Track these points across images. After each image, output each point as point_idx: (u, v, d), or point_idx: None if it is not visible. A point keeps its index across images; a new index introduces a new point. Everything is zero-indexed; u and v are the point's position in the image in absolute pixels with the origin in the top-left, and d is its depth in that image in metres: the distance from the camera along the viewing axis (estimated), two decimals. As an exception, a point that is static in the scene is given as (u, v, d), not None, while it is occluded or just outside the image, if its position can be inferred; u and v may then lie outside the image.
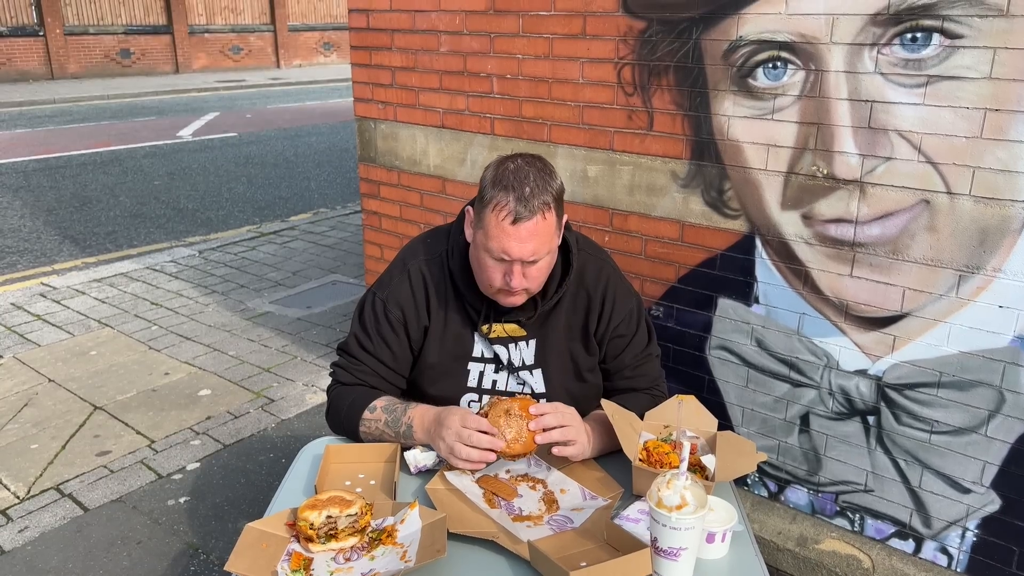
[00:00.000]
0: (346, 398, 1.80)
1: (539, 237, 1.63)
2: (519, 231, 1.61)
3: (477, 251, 1.70)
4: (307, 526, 1.41)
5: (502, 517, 1.51)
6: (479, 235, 1.67)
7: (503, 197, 1.61)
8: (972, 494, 2.31)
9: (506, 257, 1.63)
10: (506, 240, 1.61)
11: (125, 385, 3.94)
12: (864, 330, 2.39)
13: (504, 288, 1.68)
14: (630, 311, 1.86)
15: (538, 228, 1.62)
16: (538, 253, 1.65)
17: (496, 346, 1.81)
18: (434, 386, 1.85)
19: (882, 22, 2.13)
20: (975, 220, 2.12)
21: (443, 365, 1.83)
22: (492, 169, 1.68)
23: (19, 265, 5.98)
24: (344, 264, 5.87)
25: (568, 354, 1.84)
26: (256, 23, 21.94)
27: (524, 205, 1.60)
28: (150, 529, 2.87)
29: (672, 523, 1.28)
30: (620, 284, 1.87)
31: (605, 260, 1.89)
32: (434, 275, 1.82)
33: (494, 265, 1.66)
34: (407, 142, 3.48)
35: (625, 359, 1.87)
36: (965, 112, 2.07)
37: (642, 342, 1.89)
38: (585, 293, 1.83)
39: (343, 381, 1.84)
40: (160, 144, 10.94)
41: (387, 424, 1.73)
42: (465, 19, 3.08)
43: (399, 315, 1.81)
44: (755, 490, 2.79)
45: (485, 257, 1.67)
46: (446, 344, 1.82)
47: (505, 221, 1.61)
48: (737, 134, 2.48)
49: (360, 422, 1.75)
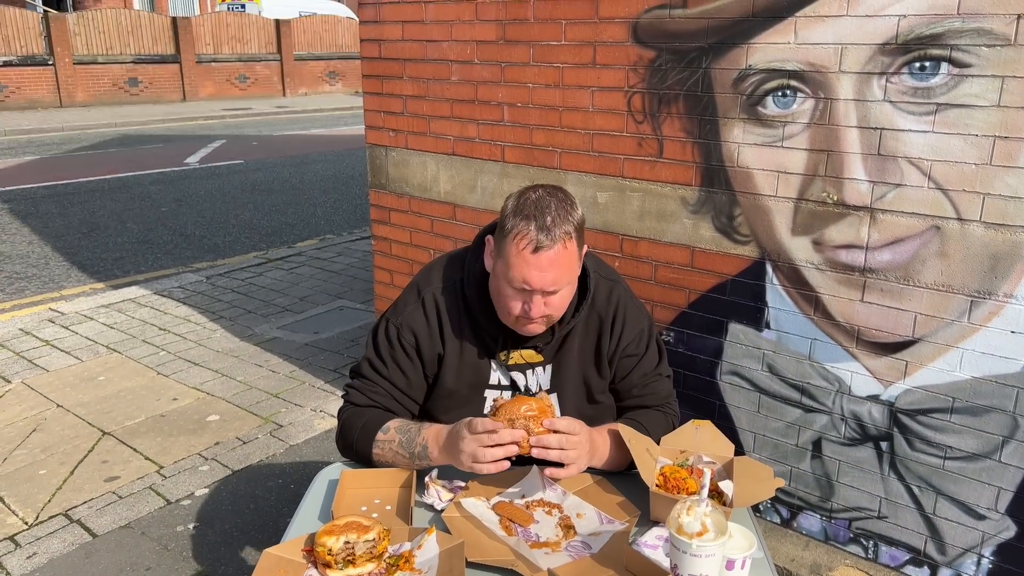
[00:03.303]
0: (359, 419, 1.78)
1: (560, 267, 1.62)
2: (540, 260, 1.60)
3: (497, 281, 1.69)
4: (325, 552, 1.41)
5: (519, 544, 1.50)
6: (499, 264, 1.67)
7: (524, 227, 1.61)
8: (987, 520, 2.30)
9: (527, 287, 1.62)
10: (527, 269, 1.61)
11: (133, 410, 3.94)
12: (876, 355, 2.39)
13: (523, 317, 1.68)
14: (640, 331, 1.86)
15: (559, 258, 1.61)
16: (558, 283, 1.64)
17: (513, 372, 1.82)
18: (448, 414, 1.83)
19: (891, 51, 2.16)
20: (986, 246, 2.13)
21: (459, 393, 1.83)
22: (513, 199, 1.68)
23: (27, 291, 6.00)
24: (351, 290, 5.89)
25: (582, 377, 1.85)
26: (262, 52, 22.20)
27: (545, 234, 1.59)
28: (159, 555, 2.85)
29: (692, 550, 1.27)
30: (631, 305, 1.87)
31: (616, 282, 1.90)
32: (448, 303, 1.81)
33: (514, 294, 1.66)
34: (418, 169, 3.51)
35: (633, 379, 1.86)
36: (974, 139, 2.09)
37: (652, 362, 1.88)
38: (597, 316, 1.83)
39: (356, 402, 1.83)
40: (167, 171, 11.02)
41: (400, 445, 1.71)
42: (476, 49, 3.12)
43: (412, 341, 1.81)
44: (768, 516, 2.77)
45: (505, 287, 1.66)
46: (463, 373, 1.82)
47: (526, 250, 1.60)
48: (747, 161, 2.51)
49: (373, 443, 1.74)
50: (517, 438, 1.54)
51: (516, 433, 1.54)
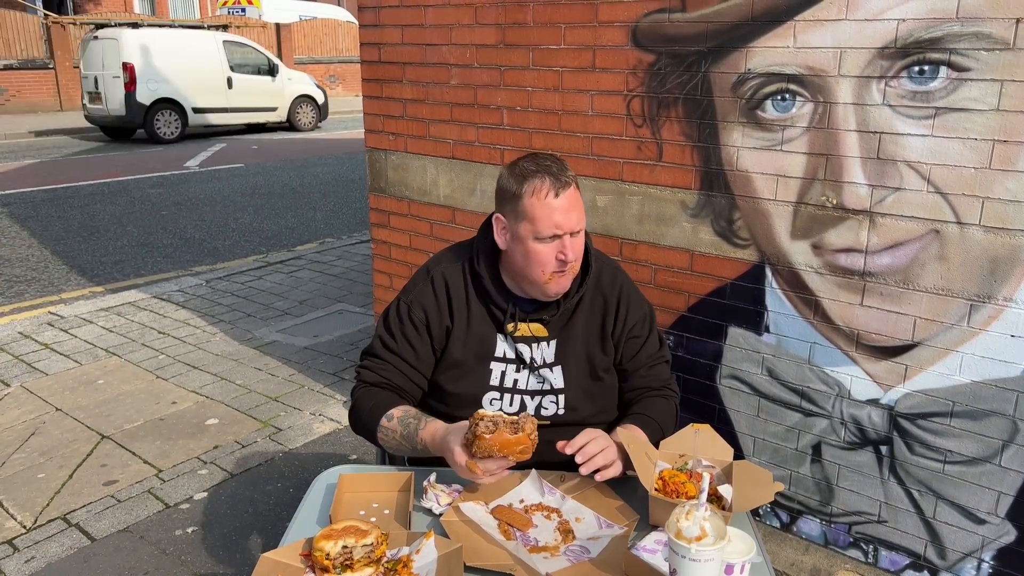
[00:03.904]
0: (368, 401, 1.85)
1: (578, 206, 1.75)
2: (563, 202, 1.71)
3: (524, 244, 1.75)
4: (323, 556, 1.40)
5: (518, 549, 1.50)
6: (523, 227, 1.74)
7: (539, 180, 1.72)
8: (987, 525, 2.29)
9: (559, 231, 1.71)
10: (555, 214, 1.70)
11: (132, 414, 3.94)
12: (875, 359, 2.39)
13: (558, 271, 1.75)
14: (643, 314, 1.95)
15: (576, 197, 1.74)
16: (582, 222, 1.75)
17: (519, 344, 1.86)
18: (456, 384, 1.89)
19: (890, 55, 2.16)
20: (985, 250, 2.13)
21: (467, 364, 1.88)
22: (507, 171, 1.79)
23: (27, 294, 6.00)
24: (351, 293, 5.89)
25: (585, 354, 1.90)
26: (263, 56, 22.22)
27: (558, 179, 1.72)
28: (157, 559, 2.85)
29: (691, 555, 1.27)
30: (633, 289, 1.97)
31: (618, 268, 1.99)
32: (456, 279, 1.89)
33: (547, 248, 1.73)
34: (417, 173, 3.51)
35: (641, 358, 1.93)
36: (973, 143, 2.09)
37: (655, 344, 1.97)
38: (602, 296, 1.91)
39: (367, 381, 1.89)
40: (167, 175, 11.03)
41: (403, 437, 1.77)
42: (476, 53, 3.12)
43: (422, 316, 1.88)
44: (767, 521, 2.76)
45: (535, 245, 1.74)
46: (470, 344, 1.88)
47: (548, 197, 1.70)
48: (746, 165, 2.51)
49: (378, 429, 1.80)
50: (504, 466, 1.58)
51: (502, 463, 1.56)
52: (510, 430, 1.52)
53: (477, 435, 1.52)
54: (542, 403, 1.88)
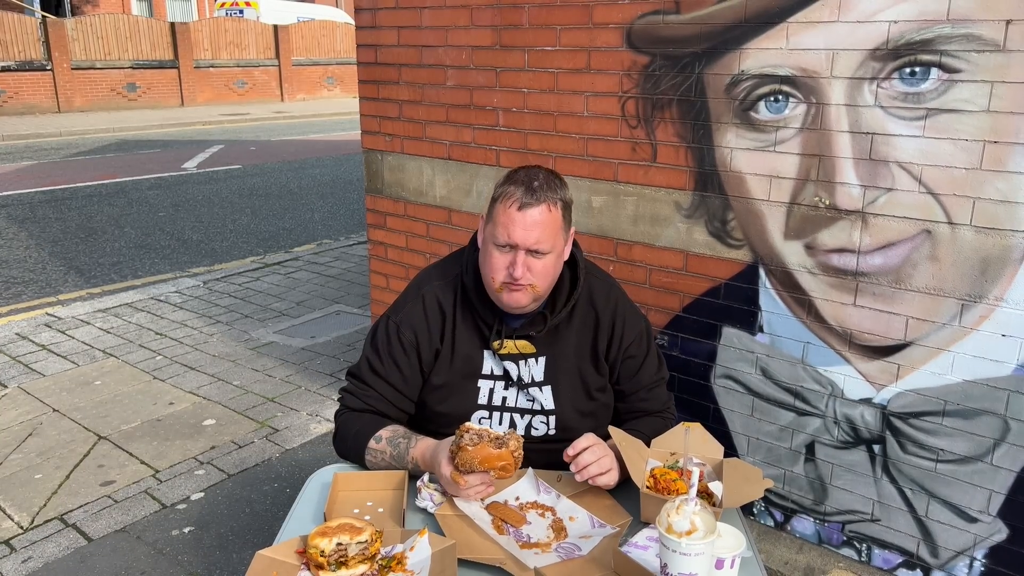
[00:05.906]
0: (352, 426, 1.81)
1: (544, 228, 1.69)
2: (524, 218, 1.67)
3: (485, 246, 1.75)
4: (317, 553, 1.41)
5: (510, 544, 1.51)
6: (488, 229, 1.74)
7: (512, 189, 1.70)
8: (979, 523, 2.31)
9: (511, 242, 1.68)
10: (512, 226, 1.67)
11: (129, 415, 3.94)
12: (868, 359, 2.40)
13: (507, 281, 1.71)
14: (640, 332, 1.89)
15: (543, 219, 1.68)
16: (541, 244, 1.69)
17: (506, 362, 1.83)
18: (443, 404, 1.86)
19: (881, 57, 2.18)
20: (976, 250, 2.14)
21: (452, 384, 1.85)
22: (504, 176, 1.77)
23: (24, 295, 6.00)
24: (348, 294, 5.89)
25: (577, 373, 1.86)
26: (260, 58, 22.24)
27: (531, 195, 1.68)
28: (154, 559, 2.86)
29: (682, 549, 1.28)
30: (629, 306, 1.91)
31: (613, 284, 1.93)
32: (447, 299, 1.85)
33: (499, 256, 1.71)
34: (414, 173, 3.53)
35: (641, 380, 1.89)
36: (964, 144, 2.10)
37: (654, 364, 1.92)
38: (594, 313, 1.86)
39: (351, 407, 1.86)
40: (165, 176, 11.03)
41: (393, 458, 1.75)
42: (472, 54, 3.14)
43: (411, 338, 1.83)
44: (761, 519, 2.78)
45: (492, 249, 1.72)
46: (456, 364, 1.84)
47: (512, 208, 1.68)
48: (740, 166, 2.52)
49: (366, 451, 1.77)
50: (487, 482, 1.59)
51: (484, 477, 1.57)
52: (494, 445, 1.54)
53: (460, 446, 1.54)
54: (532, 423, 1.85)
